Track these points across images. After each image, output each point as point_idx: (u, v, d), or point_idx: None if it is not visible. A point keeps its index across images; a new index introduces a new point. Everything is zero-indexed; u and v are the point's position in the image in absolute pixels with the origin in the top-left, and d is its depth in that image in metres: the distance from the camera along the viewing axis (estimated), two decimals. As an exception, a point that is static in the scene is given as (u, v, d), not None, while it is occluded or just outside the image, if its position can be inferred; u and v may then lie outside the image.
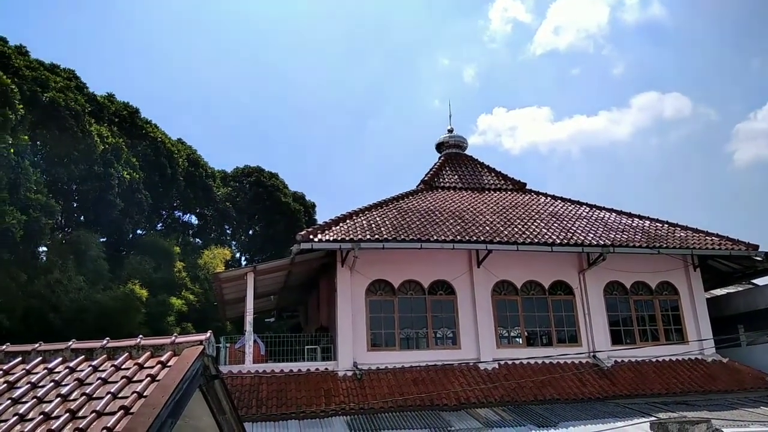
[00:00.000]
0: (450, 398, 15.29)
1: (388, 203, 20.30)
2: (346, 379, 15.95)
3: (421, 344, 17.61)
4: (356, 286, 17.38)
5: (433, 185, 23.30)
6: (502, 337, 18.29)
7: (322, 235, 16.54)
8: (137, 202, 31.50)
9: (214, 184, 40.57)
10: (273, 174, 44.68)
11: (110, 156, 29.19)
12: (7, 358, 5.93)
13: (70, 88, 28.60)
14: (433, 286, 18.14)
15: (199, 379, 5.51)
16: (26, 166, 22.32)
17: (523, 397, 15.62)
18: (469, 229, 18.03)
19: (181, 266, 33.11)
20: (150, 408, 4.54)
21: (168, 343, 5.80)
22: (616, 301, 19.30)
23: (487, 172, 25.00)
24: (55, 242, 26.61)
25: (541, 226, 19.10)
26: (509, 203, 21.79)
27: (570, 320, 18.73)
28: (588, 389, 16.29)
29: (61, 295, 23.46)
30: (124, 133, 32.60)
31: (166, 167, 35.18)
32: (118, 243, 33.66)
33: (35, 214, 21.90)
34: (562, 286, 19.03)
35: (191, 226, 42.21)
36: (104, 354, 5.81)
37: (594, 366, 17.48)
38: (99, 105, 31.57)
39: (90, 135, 27.65)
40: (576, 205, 22.28)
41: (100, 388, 5.05)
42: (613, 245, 18.04)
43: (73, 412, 4.63)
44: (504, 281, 18.62)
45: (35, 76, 26.47)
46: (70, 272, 24.67)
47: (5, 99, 21.48)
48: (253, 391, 15.18)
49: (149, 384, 5.02)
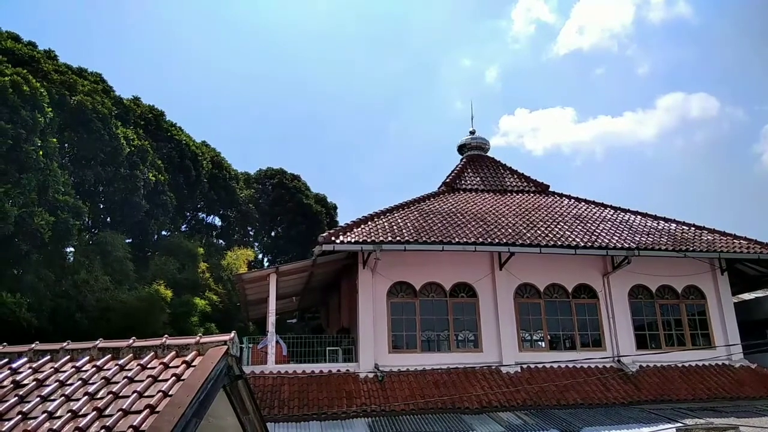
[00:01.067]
0: (472, 401, 15.20)
1: (410, 205, 20.28)
2: (368, 381, 15.96)
3: (443, 347, 17.55)
4: (378, 287, 17.39)
5: (455, 187, 23.23)
6: (525, 340, 18.14)
7: (344, 237, 16.59)
8: (162, 204, 31.93)
9: (237, 185, 40.97)
10: (295, 176, 45.00)
11: (136, 158, 29.67)
12: (36, 357, 6.02)
13: (97, 91, 29.13)
14: (454, 288, 18.07)
15: (223, 379, 5.56)
16: (54, 168, 22.76)
17: (545, 402, 15.48)
18: (491, 232, 17.93)
19: (204, 267, 33.46)
20: (175, 407, 4.59)
21: (193, 343, 5.85)
22: (641, 305, 19.02)
23: (509, 174, 24.85)
24: (82, 243, 27.07)
25: (565, 229, 18.92)
26: (532, 205, 21.62)
27: (594, 324, 18.51)
28: (612, 394, 16.09)
29: (87, 295, 23.86)
30: (149, 135, 33.12)
31: (190, 169, 35.63)
32: (144, 244, 34.15)
33: (63, 215, 22.32)
34: (586, 289, 18.82)
35: (215, 228, 42.69)
36: (130, 353, 5.88)
37: (618, 371, 17.26)
38: (125, 108, 32.10)
39: (116, 137, 28.12)
40: (600, 208, 22.03)
41: (127, 387, 5.12)
42: (639, 248, 17.79)
43: (100, 410, 4.70)
44: (527, 284, 18.48)
45: (63, 79, 27.02)
46: (96, 272, 25.08)
47: (34, 102, 21.96)
48: (275, 391, 15.28)
49: (174, 383, 5.06)
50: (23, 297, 20.61)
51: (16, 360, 5.95)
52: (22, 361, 5.92)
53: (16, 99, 21.00)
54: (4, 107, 20.49)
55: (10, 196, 20.19)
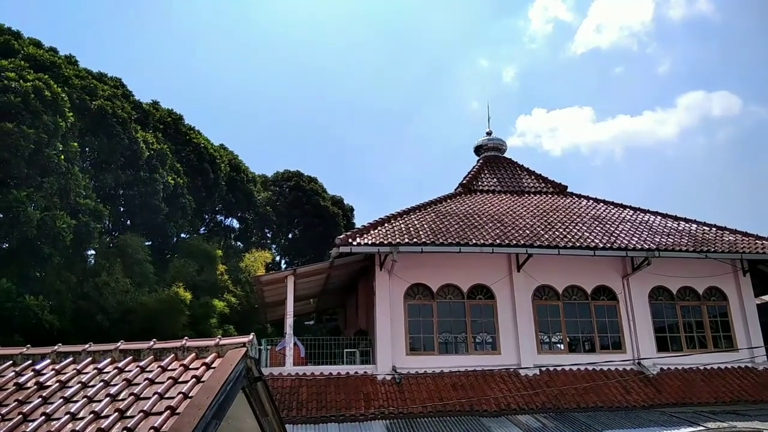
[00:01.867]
0: (490, 404, 15.13)
1: (427, 207, 20.25)
2: (385, 383, 15.96)
3: (461, 349, 17.50)
4: (395, 289, 17.39)
5: (472, 188, 23.15)
6: (543, 342, 18.02)
7: (361, 239, 16.61)
8: (181, 207, 32.25)
9: (255, 188, 41.26)
10: (312, 178, 45.19)
11: (155, 162, 30.02)
12: (59, 358, 6.11)
13: (117, 96, 29.55)
14: (472, 290, 18.01)
15: (242, 381, 5.59)
16: (76, 172, 23.10)
17: (565, 405, 15.35)
18: (508, 233, 17.84)
19: (223, 269, 33.72)
20: (195, 409, 4.63)
21: (212, 344, 5.89)
22: (662, 307, 18.79)
23: (526, 175, 24.71)
24: (103, 246, 27.44)
25: (583, 230, 18.76)
26: (550, 206, 21.48)
27: (613, 326, 18.33)
28: (633, 397, 15.91)
29: (108, 297, 24.18)
30: (168, 139, 33.49)
31: (208, 172, 35.96)
32: (163, 246, 34.51)
33: (84, 218, 22.65)
34: (605, 291, 18.64)
35: (233, 230, 43.00)
36: (151, 355, 5.94)
37: (639, 373, 17.07)
38: (144, 112, 32.51)
39: (136, 141, 28.48)
40: (619, 208, 21.81)
41: (148, 389, 5.17)
42: (659, 249, 17.57)
43: (122, 412, 4.75)
44: (545, 286, 18.36)
45: (84, 84, 27.43)
46: (117, 275, 25.41)
47: (56, 107, 22.32)
48: (294, 393, 15.34)
49: (194, 385, 5.11)
50: (46, 299, 20.94)
51: (39, 362, 6.03)
52: (45, 362, 6.01)
53: (38, 104, 21.37)
54: (26, 112, 20.85)
55: (33, 200, 20.55)
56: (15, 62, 22.83)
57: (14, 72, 21.64)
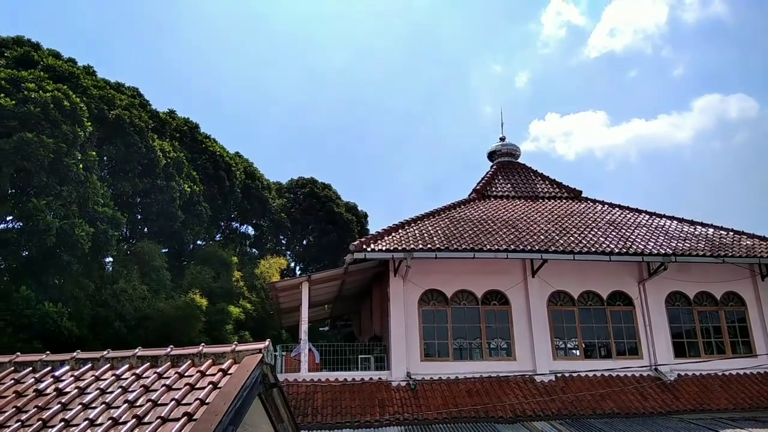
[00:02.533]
0: (505, 410, 15.07)
1: (441, 213, 20.26)
2: (400, 389, 15.96)
3: (475, 355, 17.45)
4: (409, 295, 17.41)
5: (486, 194, 23.12)
6: (559, 348, 17.91)
7: (375, 245, 16.66)
8: (197, 214, 32.53)
9: (269, 195, 41.49)
10: (326, 185, 45.36)
11: (172, 170, 30.33)
12: (77, 365, 6.20)
13: (134, 105, 29.92)
14: (486, 295, 17.96)
15: (258, 387, 5.64)
16: (94, 181, 23.41)
17: (581, 411, 15.24)
18: (523, 239, 17.80)
19: (238, 276, 33.92)
20: (212, 415, 4.69)
21: (228, 351, 5.96)
22: (679, 313, 18.60)
23: (540, 180, 24.63)
24: (121, 253, 27.75)
25: (599, 235, 18.66)
26: (564, 212, 21.39)
27: (630, 332, 18.17)
28: (650, 403, 15.76)
29: (126, 304, 24.42)
30: (184, 147, 33.82)
31: (224, 180, 36.25)
32: (180, 253, 34.80)
33: (102, 226, 22.93)
34: (621, 296, 18.50)
35: (248, 237, 43.26)
36: (168, 361, 6.02)
37: (656, 379, 16.91)
38: (161, 121, 32.88)
39: (153, 150, 28.81)
40: (635, 213, 21.66)
41: (165, 395, 5.24)
42: (675, 254, 17.43)
43: (140, 418, 4.82)
44: (560, 291, 18.26)
45: (102, 94, 27.81)
46: (134, 282, 25.67)
47: (74, 117, 22.65)
48: (309, 399, 15.40)
49: (211, 391, 5.17)
50: (64, 306, 21.21)
51: (58, 368, 6.13)
52: (64, 369, 6.11)
53: (57, 114, 21.71)
54: (46, 122, 21.18)
55: (52, 208, 20.84)
56: (34, 73, 23.22)
57: (34, 83, 22.00)
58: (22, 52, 25.65)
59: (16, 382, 5.87)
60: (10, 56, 25.13)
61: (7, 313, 19.71)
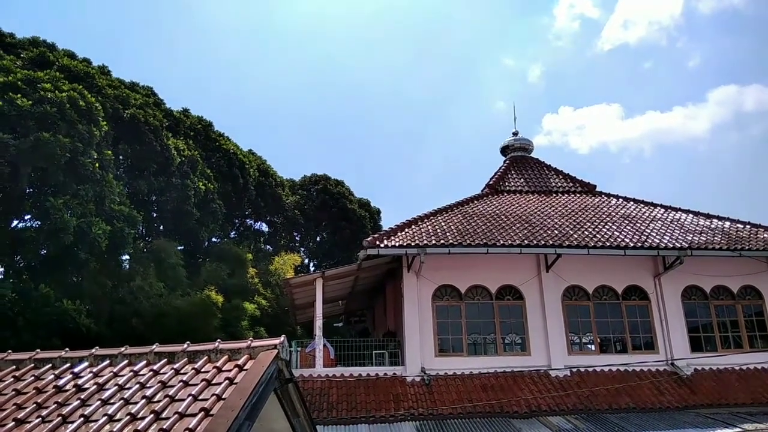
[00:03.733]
0: (520, 405, 15.06)
1: (453, 208, 20.24)
2: (415, 384, 16.00)
3: (490, 350, 17.43)
4: (423, 291, 17.42)
5: (499, 189, 23.05)
6: (574, 343, 17.85)
7: (388, 241, 16.69)
8: (212, 212, 32.78)
9: (283, 192, 41.69)
10: (339, 181, 45.48)
11: (187, 168, 30.59)
12: (96, 361, 6.27)
13: (149, 104, 30.18)
14: (500, 291, 17.93)
15: (274, 383, 5.69)
16: (110, 180, 23.66)
17: (597, 406, 15.19)
18: (536, 233, 17.73)
19: (253, 272, 34.16)
20: (229, 410, 4.74)
21: (244, 347, 6.00)
22: (695, 307, 18.44)
23: (554, 175, 24.50)
24: (137, 251, 28.03)
25: (613, 229, 18.54)
26: (578, 206, 21.26)
27: (646, 326, 18.06)
28: (666, 398, 15.66)
29: (143, 301, 24.69)
30: (199, 145, 34.08)
31: (238, 177, 36.49)
32: (195, 250, 35.10)
33: (119, 224, 23.17)
34: (637, 290, 18.38)
35: (262, 234, 43.55)
36: (185, 357, 6.08)
37: (672, 374, 16.79)
38: (175, 120, 33.14)
39: (168, 148, 29.06)
40: (650, 207, 21.48)
41: (182, 390, 5.29)
42: (691, 248, 17.27)
43: (157, 413, 4.88)
44: (575, 286, 18.18)
45: (117, 94, 28.09)
46: (151, 279, 25.93)
47: (90, 117, 22.91)
48: (324, 394, 15.49)
49: (227, 387, 5.22)
50: (83, 303, 21.48)
51: (77, 364, 6.21)
52: (83, 365, 6.19)
53: (73, 114, 21.95)
54: (62, 122, 21.43)
55: (69, 207, 21.10)
56: (50, 73, 23.48)
57: (50, 83, 22.26)
58: (38, 53, 25.95)
59: (36, 379, 5.97)
60: (27, 57, 25.43)
61: (27, 310, 20.01)
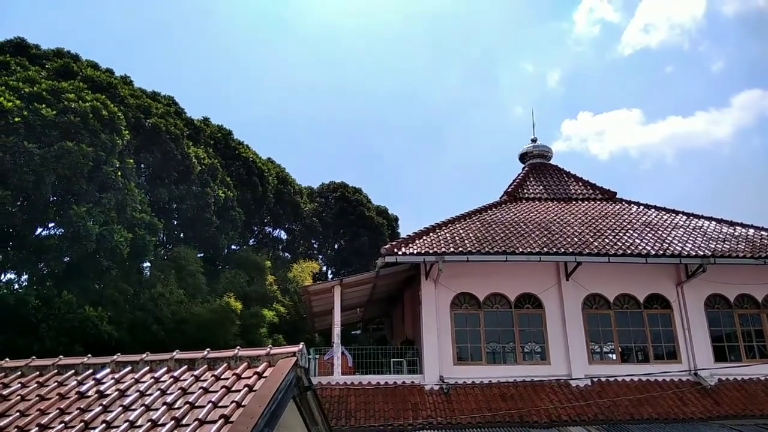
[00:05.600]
0: (540, 415, 14.90)
1: (472, 215, 20.17)
2: (433, 393, 15.91)
3: (509, 359, 17.30)
4: (441, 299, 17.36)
5: (517, 196, 22.92)
6: (594, 352, 17.63)
7: (406, 249, 16.67)
8: (231, 219, 33.06)
9: (301, 200, 41.93)
10: (357, 189, 45.62)
11: (207, 176, 30.91)
12: (118, 368, 6.36)
13: (170, 113, 30.57)
14: (519, 299, 17.80)
15: (292, 390, 5.71)
16: (132, 188, 23.98)
17: (618, 416, 14.97)
18: (556, 241, 17.59)
19: (272, 279, 34.33)
20: (248, 417, 4.77)
21: (263, 354, 6.04)
22: (719, 316, 18.13)
23: (574, 182, 24.31)
24: (158, 258, 28.32)
25: (634, 237, 18.33)
26: (598, 213, 21.07)
27: (668, 335, 17.79)
28: (689, 409, 15.39)
29: (163, 308, 24.93)
30: (218, 154, 34.45)
31: (257, 185, 36.78)
32: (215, 258, 35.39)
33: (140, 232, 23.45)
34: (659, 299, 18.13)
35: (281, 241, 43.78)
36: (205, 364, 6.13)
37: (695, 384, 16.50)
38: (196, 128, 33.53)
39: (188, 157, 29.40)
40: (671, 214, 21.20)
41: (202, 397, 5.34)
42: (714, 256, 17.00)
43: (178, 420, 4.93)
44: (595, 294, 17.99)
45: (139, 103, 28.50)
46: (171, 286, 26.19)
47: (113, 126, 23.27)
48: (342, 402, 15.47)
49: (247, 394, 5.26)
50: (104, 310, 21.74)
51: (99, 371, 6.30)
52: (105, 372, 6.28)
53: (96, 123, 22.32)
54: (85, 131, 21.80)
55: (92, 215, 21.41)
56: (74, 84, 23.91)
57: (74, 93, 22.66)
58: (62, 64, 26.46)
59: (59, 385, 6.05)
60: (51, 68, 25.94)
61: (50, 317, 20.30)
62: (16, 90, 21.31)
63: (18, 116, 20.30)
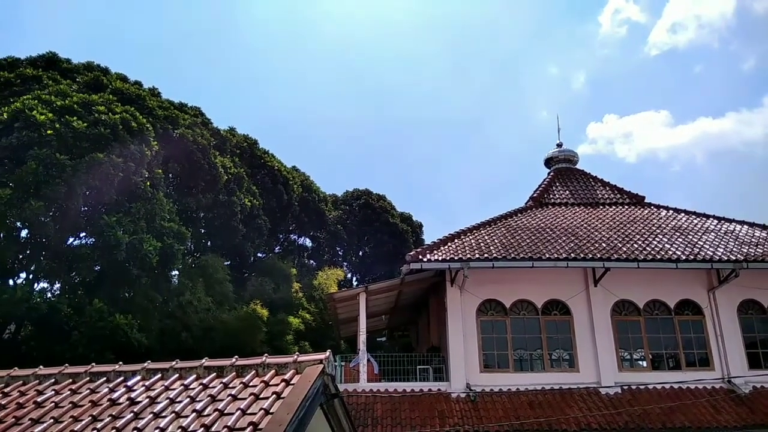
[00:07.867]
0: (569, 423, 14.68)
1: (497, 221, 20.04)
2: (460, 401, 15.81)
3: (536, 366, 17.11)
4: (467, 305, 17.26)
5: (543, 202, 22.72)
6: (624, 360, 17.34)
7: (431, 255, 16.63)
8: (257, 228, 33.38)
9: (326, 207, 42.15)
10: (381, 196, 45.70)
11: (233, 185, 31.29)
12: (148, 375, 6.46)
13: (197, 124, 31.03)
14: (546, 305, 17.61)
15: (320, 398, 5.74)
16: (160, 198, 24.37)
17: (650, 425, 14.67)
18: (583, 247, 17.38)
19: (297, 287, 34.54)
20: (276, 425, 4.80)
21: (291, 361, 6.08)
22: (753, 322, 17.69)
23: (600, 186, 24.01)
24: (186, 266, 28.69)
25: (664, 242, 18.02)
26: (627, 218, 20.77)
27: (700, 342, 17.41)
28: (723, 417, 15.01)
29: (191, 316, 25.23)
30: (244, 163, 34.85)
31: (282, 194, 37.10)
32: (241, 266, 35.76)
33: (169, 241, 23.81)
34: (690, 305, 17.77)
35: (306, 249, 44.05)
36: (233, 371, 6.19)
37: (729, 392, 16.11)
38: (222, 138, 33.97)
39: (215, 167, 29.79)
40: (702, 218, 20.79)
41: (231, 404, 5.40)
42: (747, 260, 16.61)
43: (207, 427, 4.98)
44: (624, 300, 17.71)
45: (166, 114, 28.99)
46: (199, 294, 26.51)
47: (142, 137, 23.72)
48: (368, 409, 15.45)
49: (275, 401, 5.29)
50: (134, 318, 22.09)
51: (130, 378, 6.41)
52: (136, 379, 6.38)
53: (125, 135, 22.79)
54: (115, 142, 22.26)
55: (122, 225, 21.81)
56: (104, 96, 24.45)
57: (104, 105, 23.17)
58: (92, 77, 27.06)
59: (91, 392, 6.16)
60: (82, 81, 26.56)
61: (81, 325, 20.71)
62: (49, 103, 21.86)
63: (50, 129, 20.83)
